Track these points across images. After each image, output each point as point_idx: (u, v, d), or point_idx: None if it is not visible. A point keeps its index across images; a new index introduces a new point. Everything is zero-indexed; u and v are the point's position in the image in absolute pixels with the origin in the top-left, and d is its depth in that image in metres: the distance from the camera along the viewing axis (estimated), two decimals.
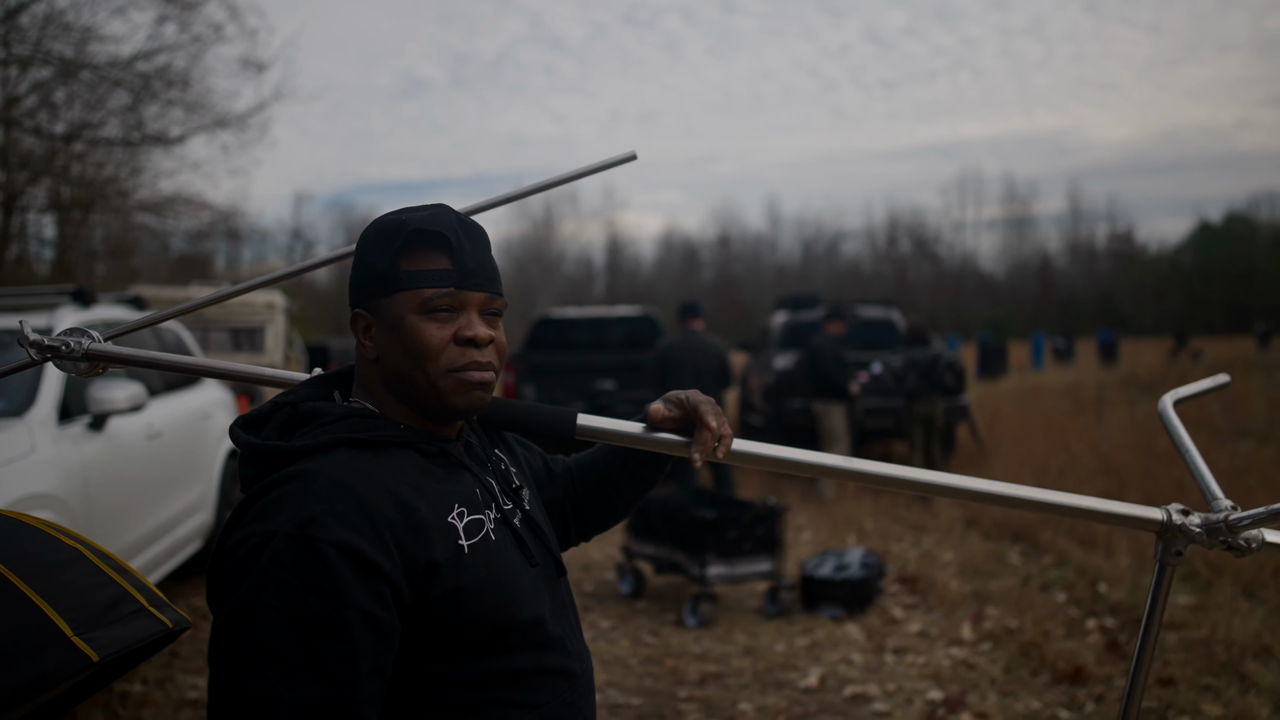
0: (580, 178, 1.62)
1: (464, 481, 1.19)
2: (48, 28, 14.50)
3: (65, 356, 1.39)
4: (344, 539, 1.01)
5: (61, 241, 18.37)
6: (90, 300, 4.91)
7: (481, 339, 1.16)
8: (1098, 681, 4.05)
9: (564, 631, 1.25)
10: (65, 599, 1.37)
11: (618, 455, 1.45)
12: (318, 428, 1.15)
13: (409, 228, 1.15)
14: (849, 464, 1.32)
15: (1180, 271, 61.85)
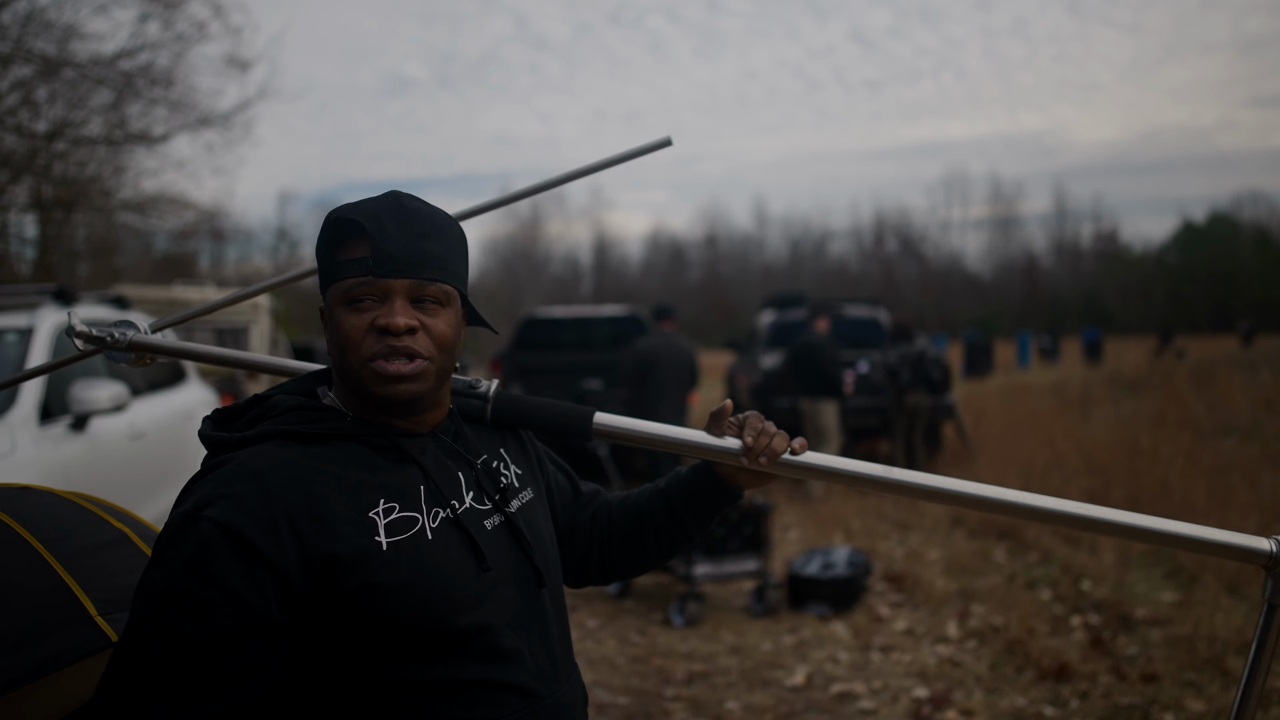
0: (617, 164, 1.56)
1: (408, 476, 1.14)
2: (29, 25, 14.38)
3: (112, 347, 1.41)
4: (229, 520, 1.01)
5: (43, 241, 18.22)
6: (72, 299, 4.87)
7: (395, 327, 1.10)
8: (1082, 678, 4.06)
9: (527, 645, 1.17)
10: (98, 580, 1.42)
11: (663, 495, 1.39)
12: (265, 420, 1.17)
13: (331, 217, 1.14)
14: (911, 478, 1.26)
15: (1164, 271, 62.30)
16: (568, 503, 1.42)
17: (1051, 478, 7.71)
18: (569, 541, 1.41)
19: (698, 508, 1.36)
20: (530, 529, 1.25)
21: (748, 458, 1.25)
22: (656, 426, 1.29)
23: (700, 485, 1.35)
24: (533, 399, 1.33)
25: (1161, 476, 7.27)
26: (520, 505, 1.26)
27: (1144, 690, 3.89)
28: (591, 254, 71.72)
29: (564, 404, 1.32)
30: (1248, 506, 6.21)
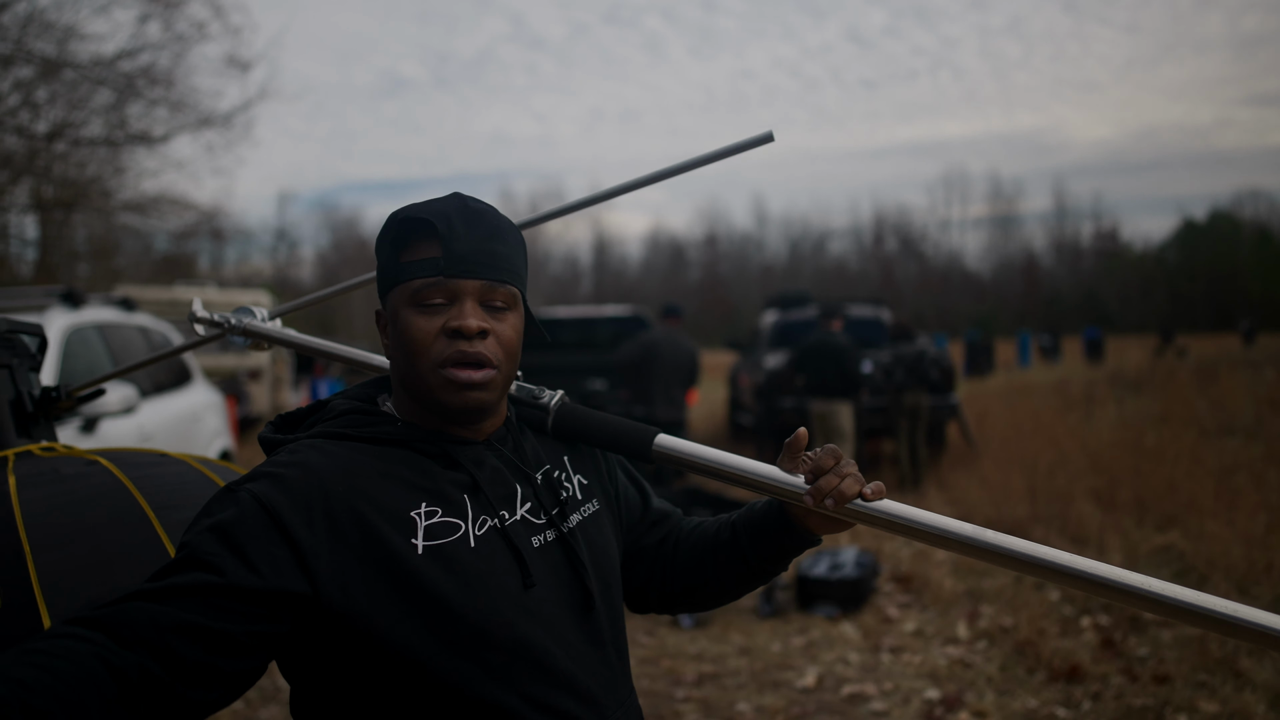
0: (717, 160, 1.48)
1: (457, 484, 1.10)
2: (29, 26, 14.36)
3: (230, 331, 1.49)
4: (265, 494, 1.00)
5: (44, 242, 18.21)
6: (80, 301, 4.86)
7: (469, 329, 1.06)
8: (1094, 680, 4.06)
9: (579, 668, 1.10)
10: None
11: (731, 528, 1.28)
12: (321, 422, 1.16)
13: (399, 216, 1.11)
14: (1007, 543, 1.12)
15: (1165, 269, 62.35)
16: (635, 521, 1.34)
17: (1057, 478, 7.70)
18: (632, 566, 1.34)
19: (765, 548, 1.24)
20: (589, 546, 1.19)
21: (812, 498, 1.13)
22: (718, 453, 1.21)
23: (769, 524, 1.23)
24: (596, 413, 1.29)
25: (1167, 476, 7.26)
26: (581, 520, 1.21)
27: (1156, 691, 3.89)
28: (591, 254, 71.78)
29: (627, 422, 1.27)
30: (1255, 506, 6.21)
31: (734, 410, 12.96)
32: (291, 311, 1.61)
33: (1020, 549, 1.12)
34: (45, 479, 1.59)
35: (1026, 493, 7.44)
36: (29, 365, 1.90)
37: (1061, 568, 1.11)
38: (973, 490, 7.91)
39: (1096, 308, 57.91)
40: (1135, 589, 1.09)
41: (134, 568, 1.43)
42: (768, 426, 10.08)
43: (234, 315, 1.52)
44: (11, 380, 1.84)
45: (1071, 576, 1.11)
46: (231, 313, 1.52)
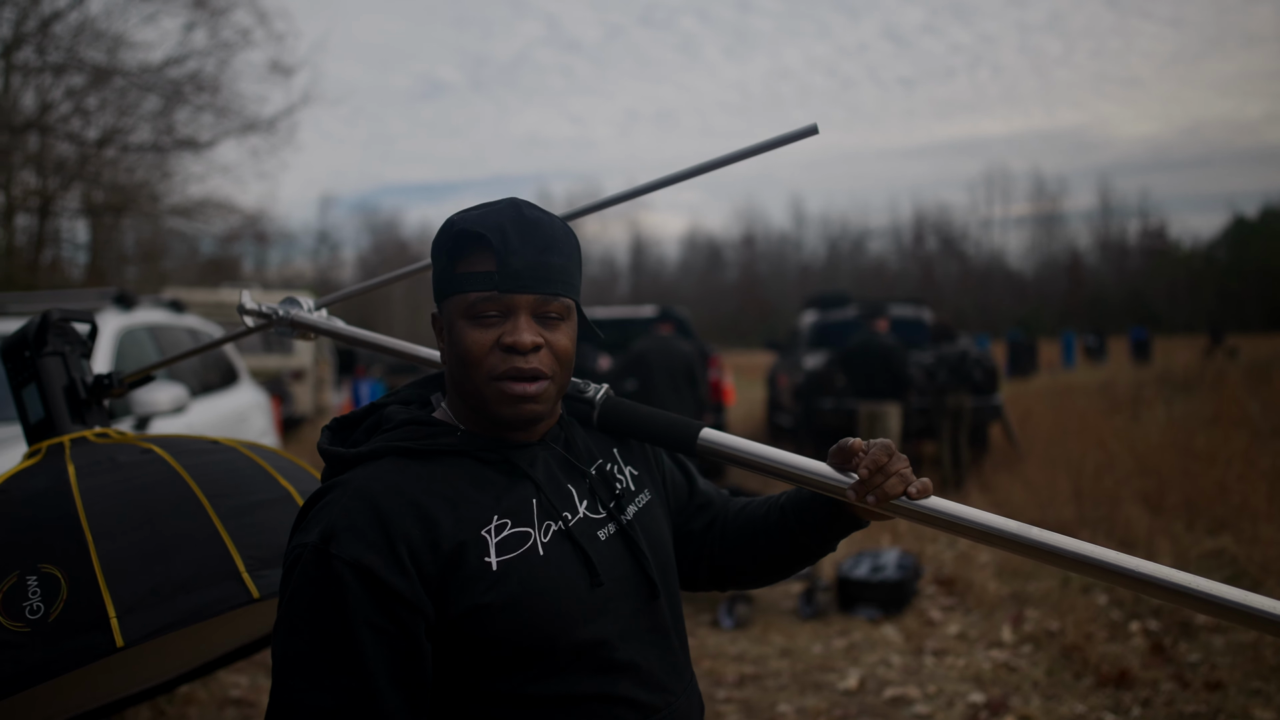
0: (761, 152, 1.49)
1: (520, 491, 1.13)
2: (80, 35, 14.72)
3: (278, 323, 1.53)
4: (357, 557, 1.02)
5: (94, 245, 18.65)
6: (132, 303, 4.97)
7: (522, 345, 1.09)
8: (1144, 685, 3.98)
9: (643, 657, 1.15)
10: (253, 536, 1.57)
11: (780, 510, 1.31)
12: (380, 433, 1.17)
13: (455, 229, 1.12)
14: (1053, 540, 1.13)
15: (1214, 267, 60.93)
16: (682, 504, 1.38)
17: (1104, 480, 7.57)
18: (681, 548, 1.38)
19: (814, 530, 1.27)
20: (647, 535, 1.23)
21: (855, 492, 1.15)
22: (762, 448, 1.22)
23: (819, 508, 1.26)
24: (641, 407, 1.30)
25: (1219, 479, 7.10)
26: (637, 510, 1.24)
27: (1209, 699, 3.81)
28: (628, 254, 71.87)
29: (671, 416, 1.29)
30: None
31: (773, 411, 12.90)
32: (337, 302, 1.63)
33: (1065, 545, 1.12)
34: (103, 467, 1.63)
35: (1072, 495, 7.31)
36: (80, 352, 1.93)
37: (1108, 565, 1.10)
38: (1016, 492, 7.80)
39: (1143, 307, 56.78)
40: (1182, 587, 1.08)
41: (191, 555, 1.49)
42: (807, 427, 10.03)
43: (281, 306, 1.55)
44: (64, 367, 1.87)
45: (1116, 574, 1.10)
46: (279, 303, 1.55)
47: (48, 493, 1.55)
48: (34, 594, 1.39)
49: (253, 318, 1.59)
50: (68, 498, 1.52)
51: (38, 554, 1.44)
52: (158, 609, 1.40)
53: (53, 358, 1.87)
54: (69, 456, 1.67)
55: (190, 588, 1.45)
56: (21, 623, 1.37)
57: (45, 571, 1.42)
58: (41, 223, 16.14)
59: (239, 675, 4.41)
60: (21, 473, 1.67)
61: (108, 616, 1.38)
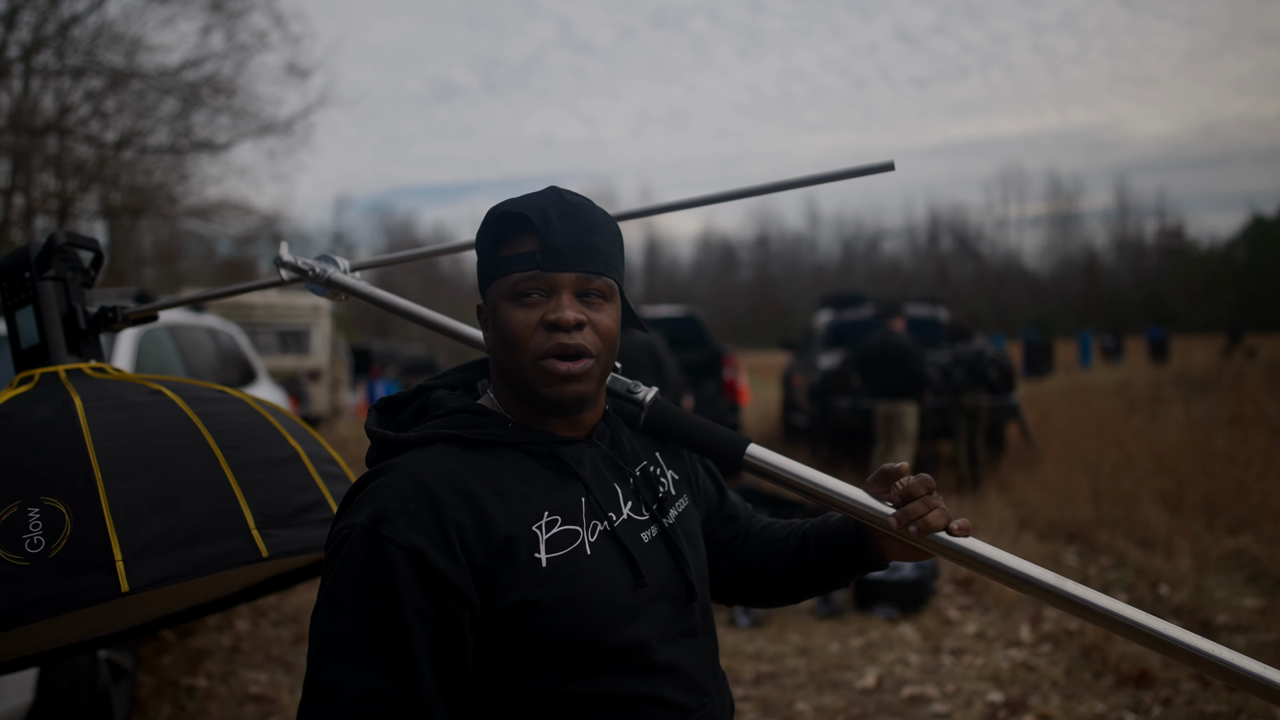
0: (835, 180, 1.51)
1: (569, 489, 1.12)
2: (99, 39, 14.84)
3: (314, 279, 1.50)
4: (410, 541, 1.01)
5: (112, 247, 18.77)
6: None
7: (565, 321, 1.08)
8: (1164, 685, 3.96)
9: (680, 660, 1.15)
10: (264, 494, 1.53)
11: (802, 537, 1.32)
12: (430, 419, 1.16)
13: (497, 212, 1.13)
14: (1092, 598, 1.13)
15: (1233, 267, 60.39)
16: (712, 513, 1.38)
17: (1122, 480, 7.52)
18: (710, 559, 1.38)
19: (834, 564, 1.27)
20: (687, 539, 1.23)
21: (896, 521, 1.14)
22: (808, 471, 1.22)
23: (842, 539, 1.26)
24: (690, 415, 1.29)
25: (1238, 479, 7.05)
26: (677, 514, 1.23)
27: (1230, 698, 3.78)
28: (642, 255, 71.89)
29: (720, 428, 1.28)
30: None
31: (788, 411, 12.88)
32: (371, 267, 1.61)
33: (1099, 602, 1.12)
34: (111, 405, 1.56)
35: (1090, 495, 7.27)
36: (83, 280, 1.84)
37: (1140, 626, 1.12)
38: (1034, 492, 7.77)
39: (1161, 307, 56.37)
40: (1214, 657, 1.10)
41: (200, 501, 1.46)
42: (822, 427, 10.00)
43: (318, 263, 1.51)
44: (65, 294, 1.78)
45: (1150, 636, 1.12)
46: (314, 259, 1.51)
47: (52, 423, 1.49)
48: (35, 527, 1.35)
49: (288, 270, 1.55)
50: (75, 431, 1.47)
51: (40, 485, 1.39)
52: (165, 557, 1.37)
53: (54, 282, 1.77)
54: (72, 388, 1.60)
55: (199, 539, 1.41)
56: (20, 555, 1.32)
57: (48, 504, 1.37)
58: (60, 224, 16.28)
59: (258, 672, 4.44)
60: (19, 398, 1.59)
61: (113, 559, 1.34)
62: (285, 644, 4.85)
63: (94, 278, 1.87)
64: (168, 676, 4.30)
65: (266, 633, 5.03)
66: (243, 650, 4.72)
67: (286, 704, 4.07)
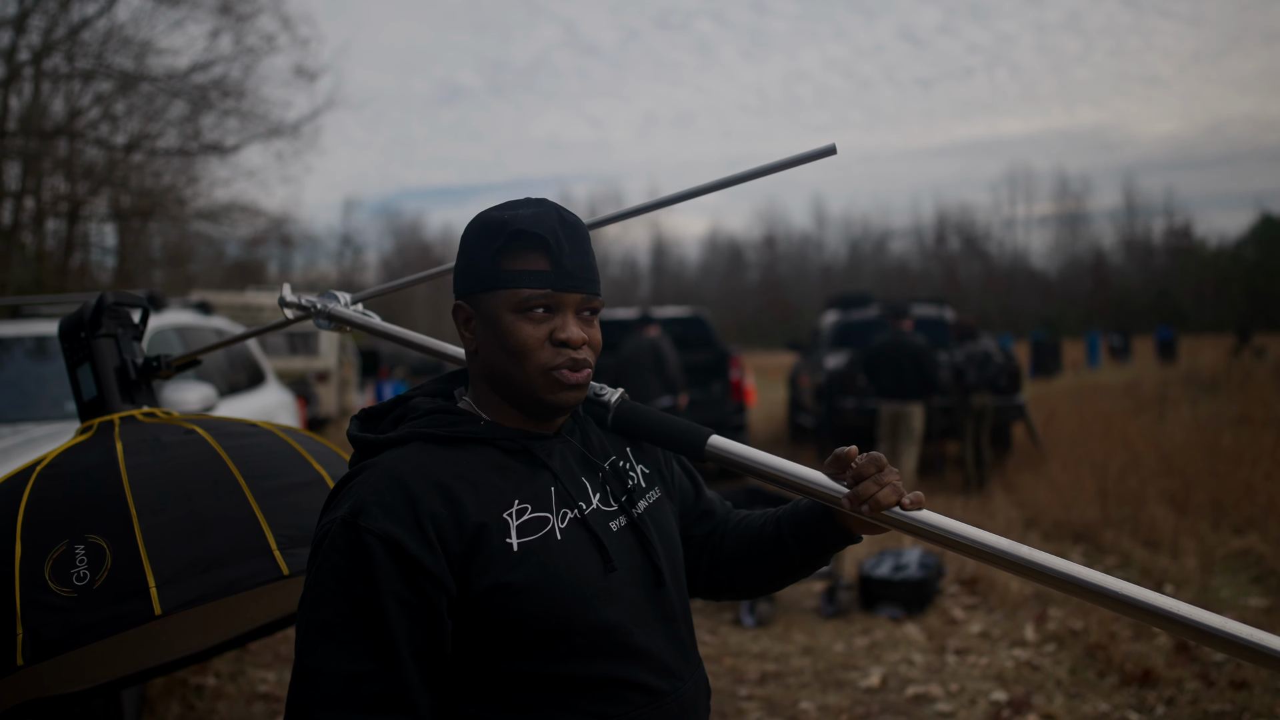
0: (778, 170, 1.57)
1: (539, 480, 1.18)
2: (109, 42, 14.91)
3: (316, 315, 1.60)
4: (386, 530, 1.07)
5: (122, 249, 18.87)
6: (161, 305, 5.05)
7: (575, 340, 1.17)
8: (1168, 684, 3.97)
9: (653, 645, 1.19)
10: (287, 516, 1.65)
11: (776, 522, 1.36)
12: (406, 422, 1.22)
13: (511, 228, 1.16)
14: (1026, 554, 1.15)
15: (1241, 266, 60.10)
16: (687, 509, 1.44)
17: (1128, 480, 7.52)
18: (687, 554, 1.42)
19: (808, 544, 1.31)
20: (657, 529, 1.27)
21: (849, 501, 1.19)
22: (766, 456, 1.28)
23: (813, 520, 1.30)
24: (654, 412, 1.36)
25: (1245, 479, 7.04)
26: (647, 505, 1.29)
27: (1234, 698, 3.78)
28: (649, 256, 71.90)
29: (682, 421, 1.35)
30: None
31: (794, 411, 12.88)
32: (371, 297, 1.71)
33: (1053, 565, 1.14)
34: (149, 446, 1.72)
35: (1097, 495, 7.27)
36: (132, 335, 2.03)
37: (1095, 586, 1.12)
38: (1041, 492, 7.77)
39: (1169, 307, 56.16)
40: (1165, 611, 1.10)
41: (227, 531, 1.58)
42: (829, 427, 10.01)
43: (320, 300, 1.62)
44: (117, 348, 1.97)
45: (1104, 595, 1.12)
46: (317, 297, 1.61)
47: (97, 468, 1.65)
48: (81, 562, 1.49)
49: (293, 310, 1.67)
50: (115, 473, 1.62)
51: (86, 525, 1.54)
52: (194, 581, 1.50)
53: (106, 339, 1.97)
54: (117, 434, 1.77)
55: (225, 562, 1.53)
56: (69, 589, 1.46)
57: (92, 541, 1.51)
58: (71, 227, 16.37)
59: (266, 671, 4.47)
60: (74, 448, 1.77)
61: (148, 586, 1.47)
62: (293, 643, 4.89)
63: (142, 331, 2.05)
64: (177, 675, 4.33)
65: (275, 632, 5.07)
66: (251, 649, 4.76)
67: None
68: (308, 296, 1.61)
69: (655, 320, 8.90)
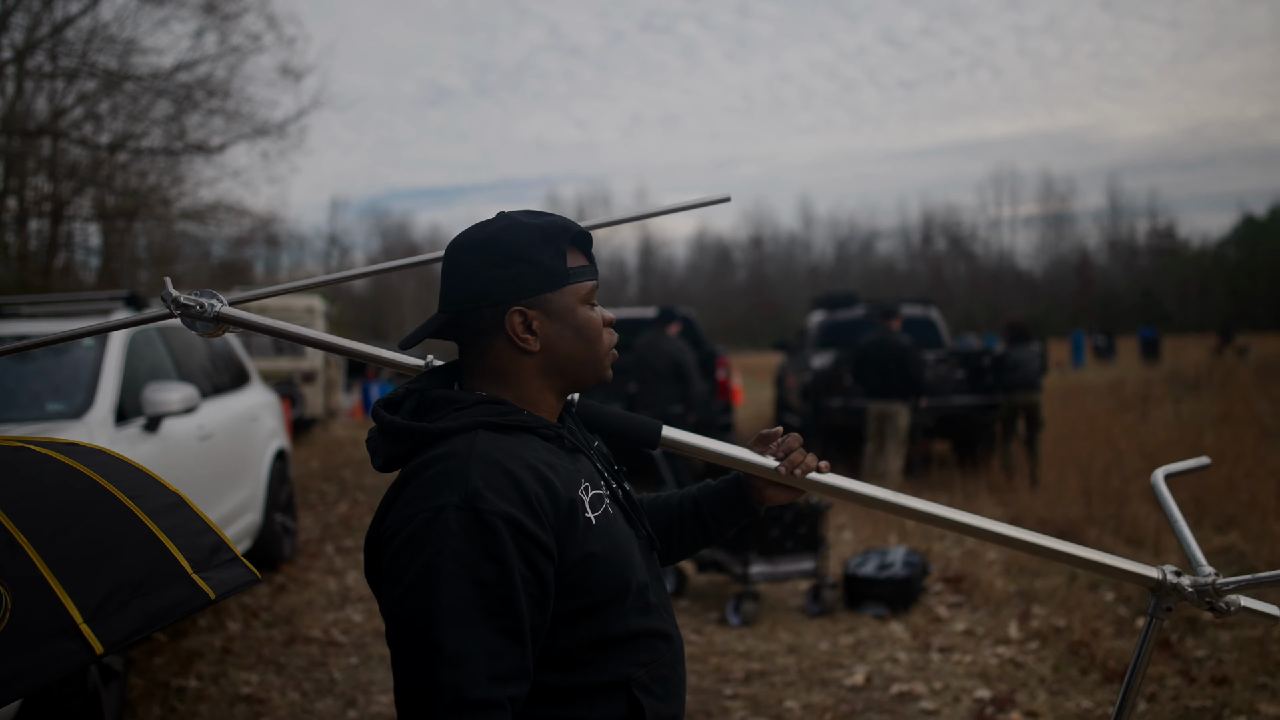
0: (678, 211, 1.78)
1: (584, 462, 1.30)
2: (93, 41, 14.81)
3: (197, 316, 1.45)
4: (506, 511, 1.12)
5: (106, 250, 18.74)
6: (143, 305, 5.02)
7: (613, 322, 1.36)
8: (1150, 681, 3.99)
9: (660, 600, 1.34)
10: (181, 539, 1.49)
11: (694, 500, 1.55)
12: (454, 411, 1.24)
13: (571, 230, 1.30)
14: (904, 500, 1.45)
15: (1224, 267, 60.54)
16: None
17: (1112, 478, 7.57)
18: None
19: (724, 516, 1.53)
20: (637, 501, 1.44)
21: (785, 468, 1.42)
22: (711, 442, 1.46)
23: (731, 496, 1.52)
24: (612, 408, 1.48)
25: (1227, 477, 7.10)
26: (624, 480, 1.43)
27: (1215, 693, 3.82)
28: (637, 256, 71.88)
29: (638, 416, 1.49)
30: None
31: (780, 411, 12.91)
32: (254, 299, 1.56)
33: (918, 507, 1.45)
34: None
35: (1080, 493, 7.32)
36: None
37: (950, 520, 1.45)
38: (1024, 490, 7.81)
39: (1153, 307, 56.51)
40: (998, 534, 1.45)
41: (132, 551, 1.41)
42: (815, 427, 10.03)
43: (205, 299, 1.45)
44: None
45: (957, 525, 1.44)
46: (200, 294, 1.45)
47: None
48: None
49: (175, 307, 1.46)
50: None
51: None
52: (124, 613, 1.32)
53: None
54: None
55: (145, 590, 1.37)
56: None
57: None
58: (54, 227, 16.24)
59: (249, 673, 4.45)
60: None
61: (75, 622, 1.27)
62: (277, 645, 4.87)
63: None
64: (159, 678, 4.31)
65: (258, 634, 5.05)
66: (234, 651, 4.73)
67: (277, 704, 4.09)
68: (190, 295, 1.44)
69: (678, 317, 8.59)
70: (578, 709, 1.21)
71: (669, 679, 1.31)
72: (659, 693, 1.28)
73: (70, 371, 4.35)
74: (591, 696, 1.22)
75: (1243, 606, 1.50)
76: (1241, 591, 1.49)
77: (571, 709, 1.21)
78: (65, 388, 4.25)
